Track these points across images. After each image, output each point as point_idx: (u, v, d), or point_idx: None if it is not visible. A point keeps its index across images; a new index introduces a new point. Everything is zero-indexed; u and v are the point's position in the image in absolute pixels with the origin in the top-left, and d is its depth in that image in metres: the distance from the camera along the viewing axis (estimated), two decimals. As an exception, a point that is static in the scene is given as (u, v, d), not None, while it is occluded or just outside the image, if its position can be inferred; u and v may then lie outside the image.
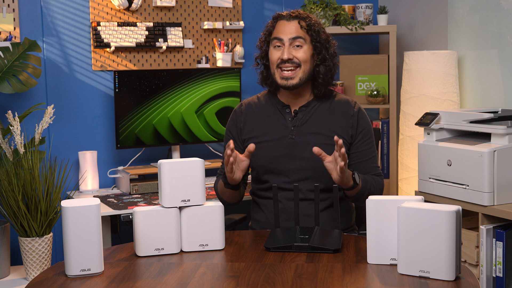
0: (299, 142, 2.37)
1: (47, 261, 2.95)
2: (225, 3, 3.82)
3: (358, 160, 2.41)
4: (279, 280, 1.75)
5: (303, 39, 2.35)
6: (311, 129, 2.38)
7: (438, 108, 3.40)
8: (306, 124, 2.39)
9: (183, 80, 3.56)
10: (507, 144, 2.78)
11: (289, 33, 2.35)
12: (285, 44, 2.35)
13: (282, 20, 2.39)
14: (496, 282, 2.72)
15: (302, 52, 2.34)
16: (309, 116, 2.40)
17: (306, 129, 2.38)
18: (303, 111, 2.41)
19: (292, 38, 2.34)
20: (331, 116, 2.40)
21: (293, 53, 2.34)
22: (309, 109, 2.41)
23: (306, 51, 2.35)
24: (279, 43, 2.36)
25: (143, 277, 1.82)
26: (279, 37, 2.36)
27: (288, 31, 2.35)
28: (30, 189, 2.87)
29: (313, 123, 2.39)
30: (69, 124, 3.50)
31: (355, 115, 2.40)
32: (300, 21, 2.36)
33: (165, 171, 1.98)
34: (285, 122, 2.41)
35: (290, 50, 2.34)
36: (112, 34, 3.51)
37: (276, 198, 2.11)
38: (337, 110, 2.41)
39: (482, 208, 2.78)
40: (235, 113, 2.51)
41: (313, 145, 2.32)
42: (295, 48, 2.35)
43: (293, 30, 2.35)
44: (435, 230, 1.69)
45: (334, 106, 2.42)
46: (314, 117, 2.40)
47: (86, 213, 1.80)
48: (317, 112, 2.41)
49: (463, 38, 3.57)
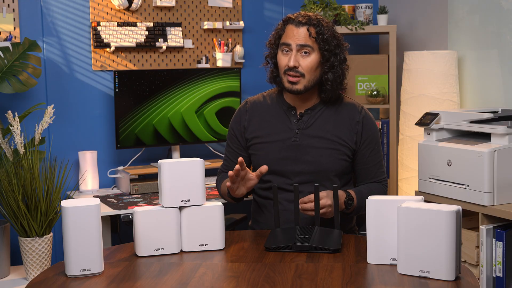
0: (303, 145, 2.36)
1: (47, 261, 2.95)
2: (225, 3, 3.82)
3: (364, 166, 2.42)
4: (279, 280, 1.75)
5: (310, 47, 2.31)
6: (315, 133, 2.37)
7: (438, 108, 3.40)
8: (310, 128, 2.38)
9: (183, 80, 3.56)
10: (507, 144, 2.78)
11: (297, 40, 2.30)
12: (292, 50, 2.31)
13: (291, 25, 2.33)
14: (496, 282, 2.72)
15: (309, 61, 2.31)
16: (314, 119, 2.39)
17: (310, 132, 2.37)
18: (308, 114, 2.40)
19: (300, 45, 2.30)
20: (337, 120, 2.39)
21: (300, 61, 2.30)
22: (315, 113, 2.40)
23: (313, 59, 2.31)
24: (287, 48, 2.33)
25: (143, 277, 1.82)
26: (287, 42, 2.32)
27: (297, 37, 2.31)
28: (30, 189, 2.87)
29: (318, 127, 2.38)
30: (69, 124, 3.49)
31: (361, 122, 2.39)
32: (309, 28, 2.31)
33: (165, 171, 1.98)
34: (289, 124, 2.40)
35: (297, 57, 2.31)
36: (112, 34, 3.51)
37: (276, 198, 2.11)
38: (342, 115, 2.39)
39: (482, 208, 2.78)
40: (239, 111, 2.50)
41: (317, 148, 2.33)
42: (303, 55, 2.31)
43: (301, 37, 2.30)
44: (435, 230, 1.69)
45: (340, 110, 2.40)
46: (319, 120, 2.39)
47: (86, 213, 1.80)
48: (323, 116, 2.39)
49: (463, 38, 3.57)
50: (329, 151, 2.34)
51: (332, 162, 2.34)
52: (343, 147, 2.37)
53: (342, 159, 2.36)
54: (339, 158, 2.36)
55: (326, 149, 2.34)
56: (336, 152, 2.34)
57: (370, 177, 2.42)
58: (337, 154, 2.34)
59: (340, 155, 2.36)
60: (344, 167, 2.38)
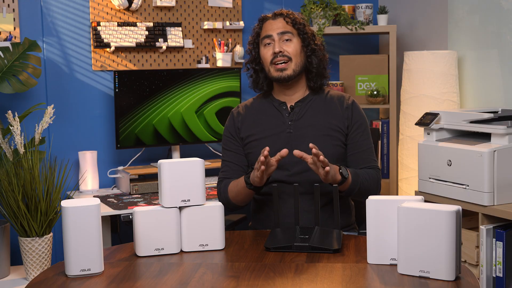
0: (297, 136, 2.41)
1: (47, 261, 2.96)
2: (225, 3, 3.82)
3: (355, 151, 2.44)
4: (279, 280, 1.75)
5: (290, 33, 2.43)
6: (308, 122, 2.43)
7: (438, 108, 3.40)
8: (303, 118, 2.44)
9: (183, 80, 3.56)
10: (507, 144, 2.78)
11: (277, 29, 2.43)
12: (275, 40, 2.42)
13: (268, 20, 2.48)
14: (496, 282, 2.72)
15: (292, 46, 2.42)
16: (306, 110, 2.45)
17: (303, 122, 2.43)
18: (299, 106, 2.46)
19: (281, 33, 2.43)
20: (327, 108, 2.46)
21: (284, 47, 2.42)
22: (305, 104, 2.46)
23: (295, 44, 2.43)
24: (269, 40, 2.44)
25: (143, 277, 1.82)
26: (268, 34, 2.44)
27: (276, 27, 2.44)
28: (30, 189, 2.87)
29: (310, 116, 2.44)
30: (69, 124, 3.50)
31: (349, 107, 2.46)
32: (285, 18, 2.45)
33: (165, 171, 1.98)
34: (282, 118, 2.45)
35: (280, 44, 2.42)
36: (112, 34, 3.51)
37: (276, 198, 2.11)
38: (332, 103, 2.47)
39: (482, 208, 2.78)
40: (232, 114, 2.56)
41: (311, 137, 2.38)
42: (285, 42, 2.43)
43: (280, 26, 2.44)
44: (435, 230, 1.69)
45: (329, 99, 2.48)
46: (311, 110, 2.45)
47: (86, 213, 1.80)
48: (313, 106, 2.46)
49: (463, 38, 3.57)
50: (323, 138, 2.39)
51: (327, 148, 2.36)
52: (336, 133, 2.42)
53: (336, 145, 2.40)
54: (334, 144, 2.40)
55: (321, 136, 2.40)
56: (330, 138, 2.39)
57: (362, 162, 2.43)
58: (331, 140, 2.39)
59: (334, 140, 2.40)
60: (339, 153, 2.41)
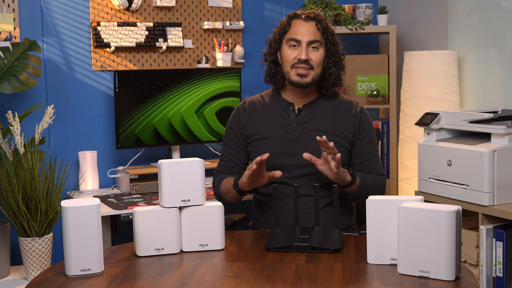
0: (302, 139, 2.39)
1: (47, 261, 2.95)
2: (225, 3, 3.82)
3: (362, 159, 2.43)
4: (279, 280, 1.75)
5: (319, 42, 2.38)
6: (314, 127, 2.41)
7: (438, 108, 3.40)
8: (309, 122, 2.42)
9: (183, 80, 3.56)
10: (507, 144, 2.78)
11: (307, 35, 2.37)
12: (302, 45, 2.36)
13: (299, 20, 2.40)
14: (496, 282, 2.72)
15: (318, 55, 2.37)
16: (313, 114, 2.43)
17: (309, 126, 2.41)
18: (307, 109, 2.44)
19: (310, 41, 2.37)
20: (334, 114, 2.43)
21: (310, 55, 2.36)
22: (313, 107, 2.44)
23: (321, 54, 2.39)
24: (295, 43, 2.38)
25: (143, 277, 1.82)
26: (296, 38, 2.38)
27: (306, 32, 2.37)
28: (30, 189, 2.87)
29: (316, 121, 2.42)
30: (69, 124, 3.49)
31: (358, 115, 2.44)
32: (317, 23, 2.38)
33: (165, 171, 1.98)
34: (288, 119, 2.43)
35: (307, 52, 2.36)
36: (112, 34, 3.51)
37: (276, 198, 2.11)
38: (340, 109, 2.44)
39: (482, 208, 2.78)
40: (237, 110, 2.52)
41: (316, 142, 2.34)
42: (312, 50, 2.38)
43: (311, 32, 2.37)
44: (435, 230, 1.69)
45: (338, 105, 2.45)
46: (318, 115, 2.43)
47: (86, 213, 1.80)
48: (321, 110, 2.44)
49: (463, 38, 3.57)
50: None
51: None
52: (342, 140, 2.40)
53: (341, 152, 2.38)
54: (338, 151, 2.37)
55: None
56: (335, 145, 2.36)
57: (368, 171, 2.43)
58: (336, 146, 2.36)
59: (339, 147, 2.37)
60: (343, 160, 2.39)
